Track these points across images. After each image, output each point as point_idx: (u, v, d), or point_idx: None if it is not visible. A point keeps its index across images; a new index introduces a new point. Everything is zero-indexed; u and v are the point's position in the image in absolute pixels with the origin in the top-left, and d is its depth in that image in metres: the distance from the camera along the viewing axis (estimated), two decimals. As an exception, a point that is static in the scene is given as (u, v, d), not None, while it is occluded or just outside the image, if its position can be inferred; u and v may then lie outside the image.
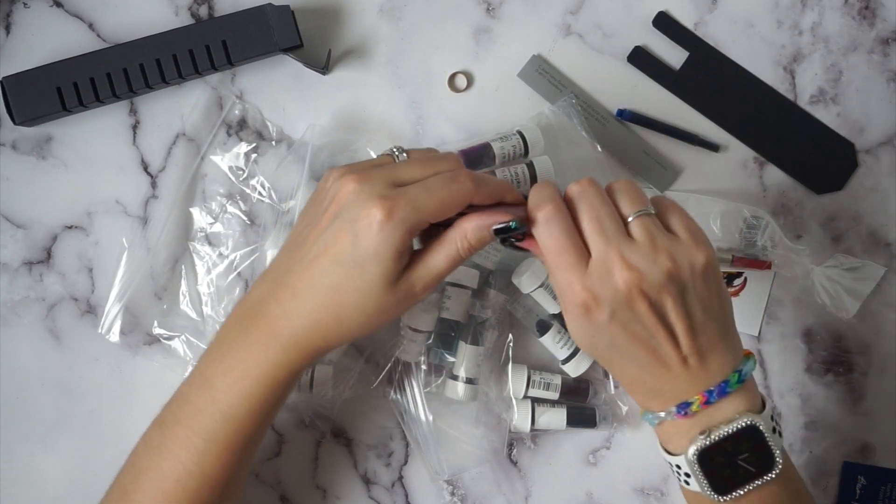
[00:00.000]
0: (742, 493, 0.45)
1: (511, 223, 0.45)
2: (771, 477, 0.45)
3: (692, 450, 0.45)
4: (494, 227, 0.45)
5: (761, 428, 0.45)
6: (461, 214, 0.47)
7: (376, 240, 0.44)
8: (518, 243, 0.47)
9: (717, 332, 0.46)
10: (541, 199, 0.45)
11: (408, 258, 0.46)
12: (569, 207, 0.46)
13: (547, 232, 0.45)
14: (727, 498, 0.45)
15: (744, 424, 0.45)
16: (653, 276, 0.43)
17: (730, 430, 0.45)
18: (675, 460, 0.46)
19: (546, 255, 0.45)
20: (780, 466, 0.45)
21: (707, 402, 0.45)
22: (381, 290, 0.45)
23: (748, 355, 0.47)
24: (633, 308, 0.44)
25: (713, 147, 0.63)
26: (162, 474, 0.48)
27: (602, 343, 0.45)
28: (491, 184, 0.47)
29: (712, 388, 0.45)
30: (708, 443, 0.45)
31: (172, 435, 0.49)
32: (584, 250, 0.44)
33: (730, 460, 0.45)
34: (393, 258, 0.45)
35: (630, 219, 0.45)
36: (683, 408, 0.45)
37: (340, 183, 0.46)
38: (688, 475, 0.46)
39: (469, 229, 0.46)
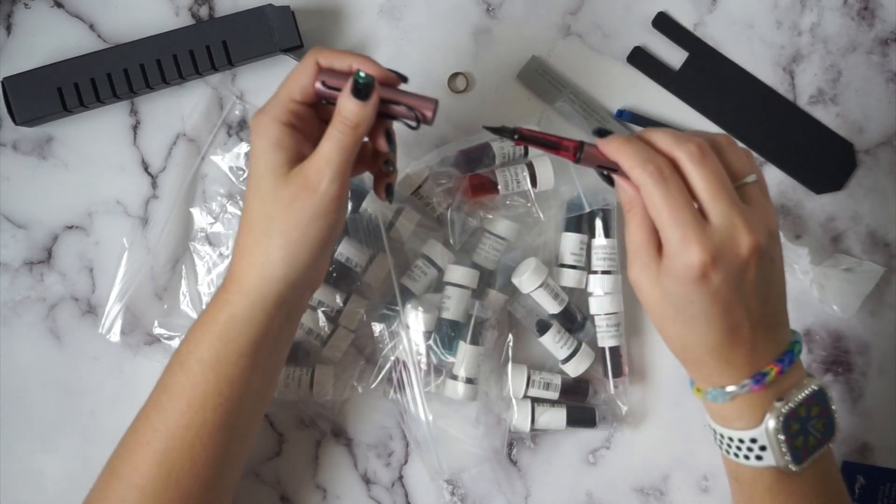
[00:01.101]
0: (812, 460, 0.46)
1: (356, 77, 0.45)
2: (834, 442, 0.46)
3: (773, 419, 0.45)
4: (350, 90, 0.45)
5: (827, 391, 0.46)
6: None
7: (253, 140, 0.47)
8: (613, 175, 0.46)
9: (782, 301, 0.47)
10: (648, 155, 0.43)
11: (294, 151, 0.46)
12: (676, 164, 0.44)
13: (665, 188, 0.42)
14: (801, 467, 0.45)
15: (814, 388, 0.45)
16: (765, 243, 0.43)
17: (803, 396, 0.45)
18: (748, 434, 0.45)
19: (660, 209, 0.42)
20: (839, 429, 0.47)
21: (781, 372, 0.45)
22: (273, 186, 0.46)
23: (792, 331, 0.48)
24: (745, 275, 0.43)
25: (713, 147, 0.63)
26: (135, 437, 0.49)
27: (693, 309, 0.43)
28: (341, 52, 0.47)
29: (783, 357, 0.45)
30: (786, 410, 0.45)
31: (149, 399, 0.50)
32: (698, 211, 0.43)
33: (803, 427, 0.45)
34: (270, 147, 0.46)
35: (742, 182, 0.45)
36: (760, 378, 0.45)
37: None
38: (763, 448, 0.45)
39: (338, 106, 0.46)
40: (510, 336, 0.60)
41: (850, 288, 0.62)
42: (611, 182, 0.47)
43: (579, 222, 0.61)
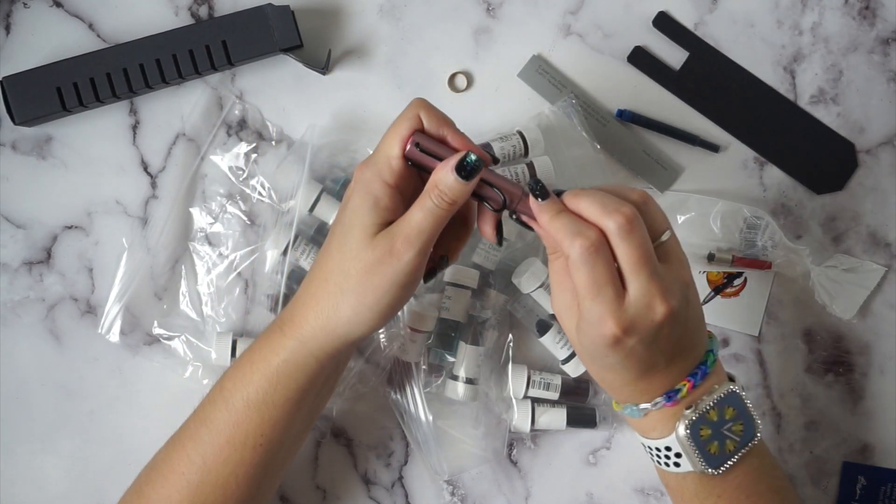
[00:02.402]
0: (731, 464, 0.47)
1: (466, 159, 0.45)
2: (754, 443, 0.47)
3: (683, 425, 0.46)
4: (455, 167, 0.45)
5: (740, 393, 0.47)
6: None
7: (353, 192, 0.46)
8: (526, 221, 0.47)
9: (699, 328, 0.47)
10: (578, 228, 0.44)
11: (389, 212, 0.46)
12: (602, 230, 0.44)
13: (591, 266, 0.43)
14: (719, 472, 0.47)
15: (725, 392, 0.47)
16: (679, 304, 0.44)
17: (714, 400, 0.46)
18: (662, 443, 0.47)
19: (581, 286, 0.44)
20: (760, 430, 0.47)
21: (694, 386, 0.46)
22: (359, 245, 0.45)
23: (709, 334, 0.49)
24: (659, 334, 0.44)
25: (713, 147, 0.63)
26: (170, 466, 0.49)
27: (608, 361, 0.45)
28: (440, 113, 0.47)
29: (696, 372, 0.47)
30: (696, 416, 0.46)
31: (185, 427, 0.50)
32: (619, 283, 0.44)
33: (717, 431, 0.46)
34: (368, 206, 0.45)
35: (659, 241, 0.46)
36: (672, 395, 0.46)
37: None
38: (678, 455, 0.47)
39: (436, 177, 0.46)
40: (510, 336, 0.60)
41: (850, 288, 0.62)
42: (527, 226, 0.48)
43: (579, 222, 0.61)
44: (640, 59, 0.63)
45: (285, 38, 0.59)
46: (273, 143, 0.62)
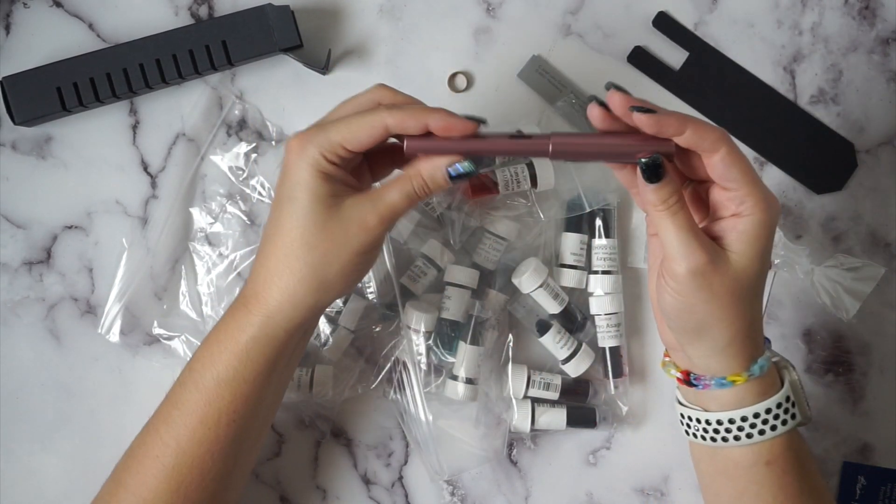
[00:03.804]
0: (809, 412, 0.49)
1: (464, 165, 0.45)
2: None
3: (787, 371, 0.48)
4: (449, 171, 0.46)
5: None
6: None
7: (294, 165, 0.45)
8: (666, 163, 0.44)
9: None
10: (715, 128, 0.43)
11: (344, 185, 0.46)
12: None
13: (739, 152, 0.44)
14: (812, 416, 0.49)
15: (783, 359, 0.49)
16: None
17: (778, 356, 0.49)
18: (783, 393, 0.46)
19: (747, 172, 0.43)
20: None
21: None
22: (318, 216, 0.45)
23: None
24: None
25: (713, 147, 0.63)
26: (145, 450, 0.49)
27: (763, 276, 0.46)
28: (407, 108, 0.46)
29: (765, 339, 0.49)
30: (788, 363, 0.48)
31: (158, 411, 0.50)
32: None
33: (798, 391, 0.48)
34: (315, 177, 0.45)
35: None
36: (768, 343, 0.48)
37: None
38: (793, 404, 0.47)
39: (423, 168, 0.46)
40: (510, 336, 0.60)
41: (850, 288, 0.62)
42: (652, 173, 0.44)
43: (579, 222, 0.61)
44: (640, 59, 0.63)
45: (285, 38, 0.59)
46: (273, 143, 0.62)
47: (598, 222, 0.61)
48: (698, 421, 0.48)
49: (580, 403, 0.61)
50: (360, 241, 0.46)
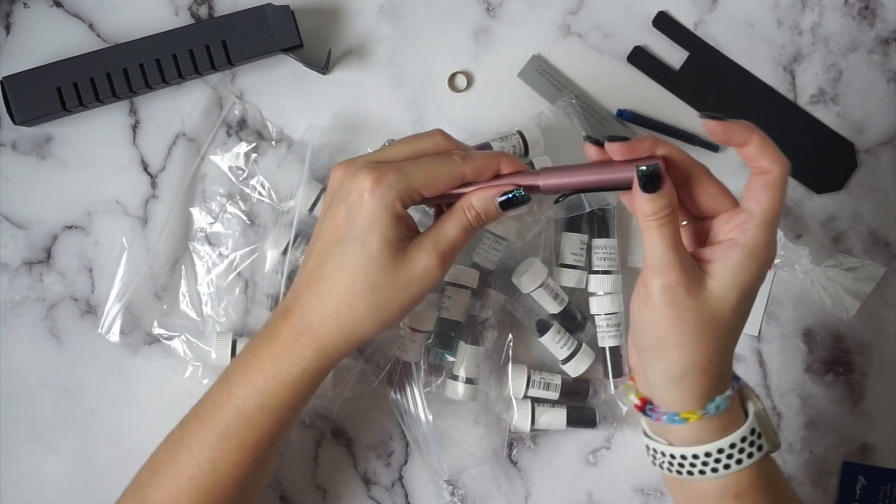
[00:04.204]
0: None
1: (514, 193, 0.46)
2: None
3: (752, 403, 0.46)
4: (499, 199, 0.46)
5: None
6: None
7: (369, 206, 0.45)
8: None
9: None
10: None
11: (408, 228, 0.47)
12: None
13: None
14: (789, 442, 0.48)
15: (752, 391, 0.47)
16: None
17: (745, 385, 0.47)
18: (748, 426, 0.45)
19: (778, 203, 0.44)
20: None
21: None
22: (386, 260, 0.46)
23: None
24: None
25: (713, 147, 0.63)
26: (177, 469, 0.49)
27: (750, 298, 0.44)
28: (480, 157, 0.47)
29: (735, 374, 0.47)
30: (755, 397, 0.46)
31: (190, 431, 0.49)
32: None
33: (764, 421, 0.46)
34: (389, 222, 0.45)
35: None
36: (736, 379, 0.46)
37: (332, 174, 0.48)
38: (759, 435, 0.45)
39: (473, 198, 0.46)
40: (510, 336, 0.60)
41: (850, 288, 0.62)
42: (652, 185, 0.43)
43: (579, 222, 0.61)
44: (640, 58, 0.63)
45: (285, 38, 0.59)
46: (273, 143, 0.62)
47: (598, 222, 0.61)
48: (662, 454, 0.46)
49: (580, 403, 0.61)
50: (424, 283, 0.46)
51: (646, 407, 0.47)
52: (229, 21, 0.59)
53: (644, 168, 0.43)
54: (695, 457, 0.45)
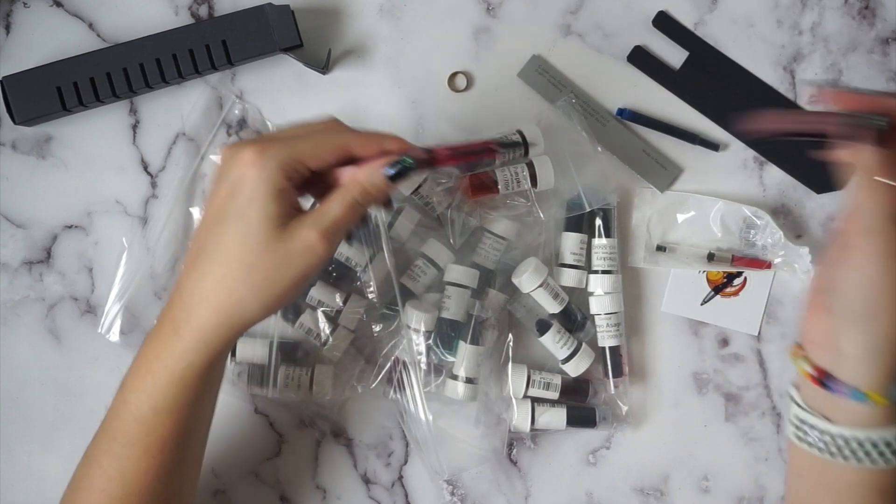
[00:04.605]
0: None
1: (404, 161, 0.45)
2: None
3: None
4: (387, 171, 0.45)
5: None
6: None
7: (250, 179, 0.43)
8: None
9: None
10: None
11: (292, 206, 0.45)
12: None
13: None
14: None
15: None
16: None
17: None
18: None
19: None
20: None
21: None
22: (265, 237, 0.43)
23: None
24: None
25: (713, 146, 0.63)
26: (89, 484, 0.48)
27: None
28: (367, 132, 0.46)
29: None
30: None
31: (97, 443, 0.48)
32: None
33: None
34: (270, 195, 0.43)
35: None
36: None
37: (220, 155, 0.46)
38: None
39: (361, 174, 0.45)
40: (510, 336, 0.60)
41: (850, 288, 0.62)
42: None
43: (579, 222, 0.61)
44: (640, 58, 0.63)
45: (285, 38, 0.59)
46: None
47: (598, 222, 0.61)
48: (818, 431, 0.44)
49: (580, 403, 0.61)
50: (305, 262, 0.44)
51: (825, 378, 0.44)
52: (229, 21, 0.59)
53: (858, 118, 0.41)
54: (860, 442, 0.42)
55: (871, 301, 0.42)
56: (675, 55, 0.63)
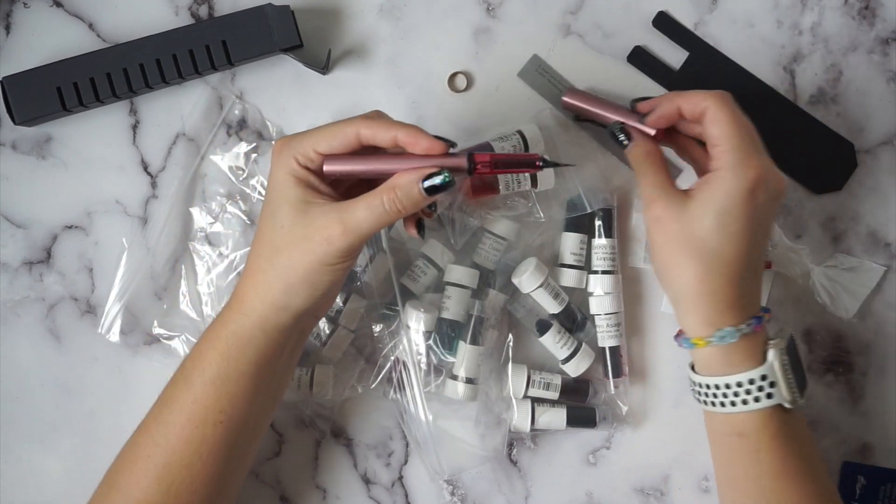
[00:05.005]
0: (805, 396, 0.49)
1: (442, 177, 0.45)
2: (803, 397, 0.49)
3: (775, 352, 0.47)
4: (424, 184, 0.46)
5: (796, 342, 0.50)
6: None
7: (273, 171, 0.47)
8: (631, 128, 0.53)
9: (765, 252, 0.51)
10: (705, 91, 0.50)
11: (316, 192, 0.47)
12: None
13: (733, 109, 0.50)
14: (802, 401, 0.48)
15: (791, 337, 0.49)
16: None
17: (787, 338, 0.49)
18: (758, 371, 0.47)
19: (729, 127, 0.48)
20: (808, 385, 0.50)
21: (769, 319, 0.49)
22: (286, 220, 0.46)
23: None
24: (774, 207, 0.49)
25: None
26: (136, 450, 0.49)
27: (734, 226, 0.47)
28: (386, 120, 0.47)
29: (767, 308, 0.49)
30: (783, 345, 0.48)
31: (150, 411, 0.50)
32: None
33: (792, 365, 0.48)
34: (287, 182, 0.46)
35: None
36: (759, 319, 0.48)
37: None
38: (772, 384, 0.47)
39: (398, 182, 0.46)
40: (510, 336, 0.60)
41: (850, 288, 0.62)
42: (619, 141, 0.53)
43: (579, 222, 0.61)
44: (640, 58, 0.63)
45: (285, 38, 0.59)
46: (273, 142, 0.62)
47: (598, 222, 0.61)
48: (690, 380, 0.51)
49: (580, 403, 0.61)
50: (322, 250, 0.46)
51: (678, 335, 0.51)
52: (229, 21, 0.59)
53: (609, 128, 0.53)
54: (707, 387, 0.49)
55: (660, 262, 0.49)
56: (675, 55, 0.63)
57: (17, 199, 0.61)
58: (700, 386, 0.50)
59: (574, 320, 0.60)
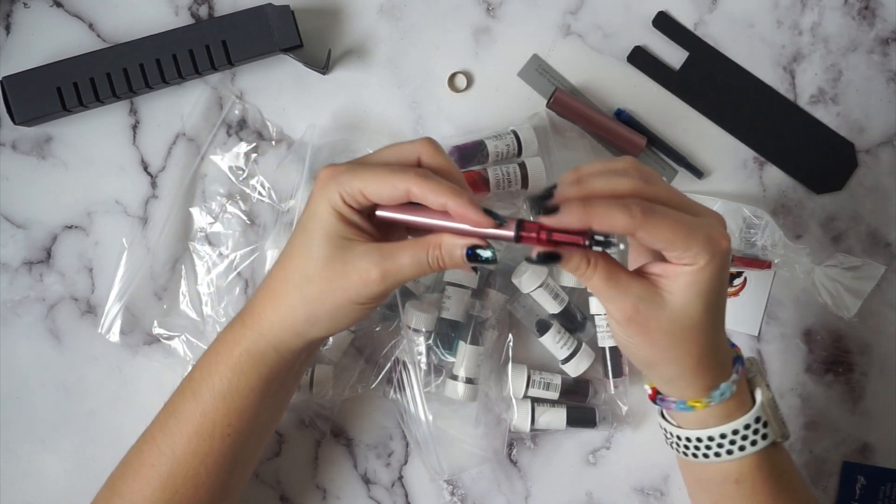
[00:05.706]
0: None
1: (487, 253, 0.44)
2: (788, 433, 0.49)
3: (761, 391, 0.47)
4: (468, 250, 0.44)
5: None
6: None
7: (316, 198, 0.45)
8: (560, 250, 0.43)
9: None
10: (618, 202, 0.42)
11: (358, 230, 0.45)
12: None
13: (662, 213, 0.42)
14: (788, 434, 0.48)
15: (766, 382, 0.48)
16: None
17: (760, 373, 0.48)
18: (753, 414, 0.46)
19: (670, 228, 0.41)
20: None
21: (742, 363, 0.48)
22: (323, 252, 0.45)
23: None
24: (728, 266, 0.44)
25: (697, 173, 0.63)
26: (140, 458, 0.49)
27: (718, 298, 0.44)
28: (440, 183, 0.44)
29: (733, 344, 0.48)
30: (765, 382, 0.48)
31: (156, 420, 0.50)
32: None
33: (772, 401, 0.48)
34: (330, 215, 0.45)
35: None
36: (740, 363, 0.47)
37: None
38: (765, 424, 0.47)
39: (444, 240, 0.45)
40: (510, 336, 0.60)
41: (850, 287, 0.62)
42: (548, 261, 0.44)
43: (579, 222, 0.61)
44: (640, 58, 0.63)
45: (285, 38, 0.59)
46: (273, 142, 0.62)
47: (598, 222, 0.60)
48: (674, 435, 0.49)
49: (580, 403, 0.61)
50: (357, 290, 0.45)
51: (657, 396, 0.49)
52: (229, 21, 0.59)
53: (534, 256, 0.43)
54: (699, 440, 0.47)
55: (644, 358, 0.46)
56: (675, 55, 0.63)
57: (17, 199, 0.61)
58: (689, 440, 0.48)
59: (574, 320, 0.60)
